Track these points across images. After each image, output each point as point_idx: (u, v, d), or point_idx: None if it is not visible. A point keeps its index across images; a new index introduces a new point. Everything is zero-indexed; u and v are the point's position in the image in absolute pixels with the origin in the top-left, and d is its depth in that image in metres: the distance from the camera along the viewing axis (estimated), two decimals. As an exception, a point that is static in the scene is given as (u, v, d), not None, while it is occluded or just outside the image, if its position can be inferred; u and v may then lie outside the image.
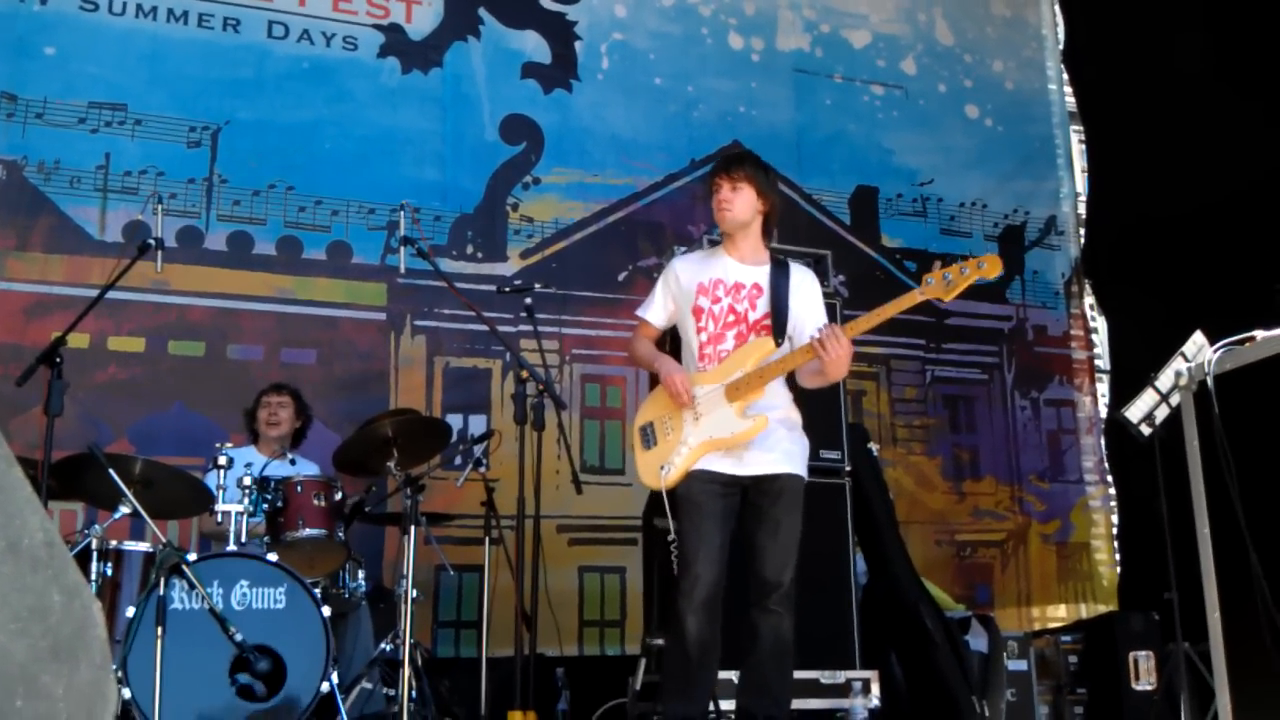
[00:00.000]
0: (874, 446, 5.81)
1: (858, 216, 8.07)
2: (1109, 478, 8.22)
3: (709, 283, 3.92)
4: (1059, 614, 7.88)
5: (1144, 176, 7.77)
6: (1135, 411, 3.90)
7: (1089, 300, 8.60)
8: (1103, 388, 8.38)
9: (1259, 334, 3.62)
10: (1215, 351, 3.56)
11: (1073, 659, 6.00)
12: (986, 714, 5.26)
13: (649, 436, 3.91)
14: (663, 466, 3.78)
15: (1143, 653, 5.72)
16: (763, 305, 3.85)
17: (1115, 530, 8.13)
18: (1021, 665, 5.70)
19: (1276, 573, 3.33)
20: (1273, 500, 3.37)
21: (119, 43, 6.62)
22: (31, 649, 1.33)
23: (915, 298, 3.64)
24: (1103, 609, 7.72)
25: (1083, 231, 8.66)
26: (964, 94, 8.59)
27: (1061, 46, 8.94)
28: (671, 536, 3.79)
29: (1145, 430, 3.86)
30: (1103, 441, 8.22)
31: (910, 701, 5.26)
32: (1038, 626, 7.50)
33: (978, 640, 5.57)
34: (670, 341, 4.25)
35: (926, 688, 5.24)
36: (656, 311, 4.06)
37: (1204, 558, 3.62)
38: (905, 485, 7.70)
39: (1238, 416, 3.54)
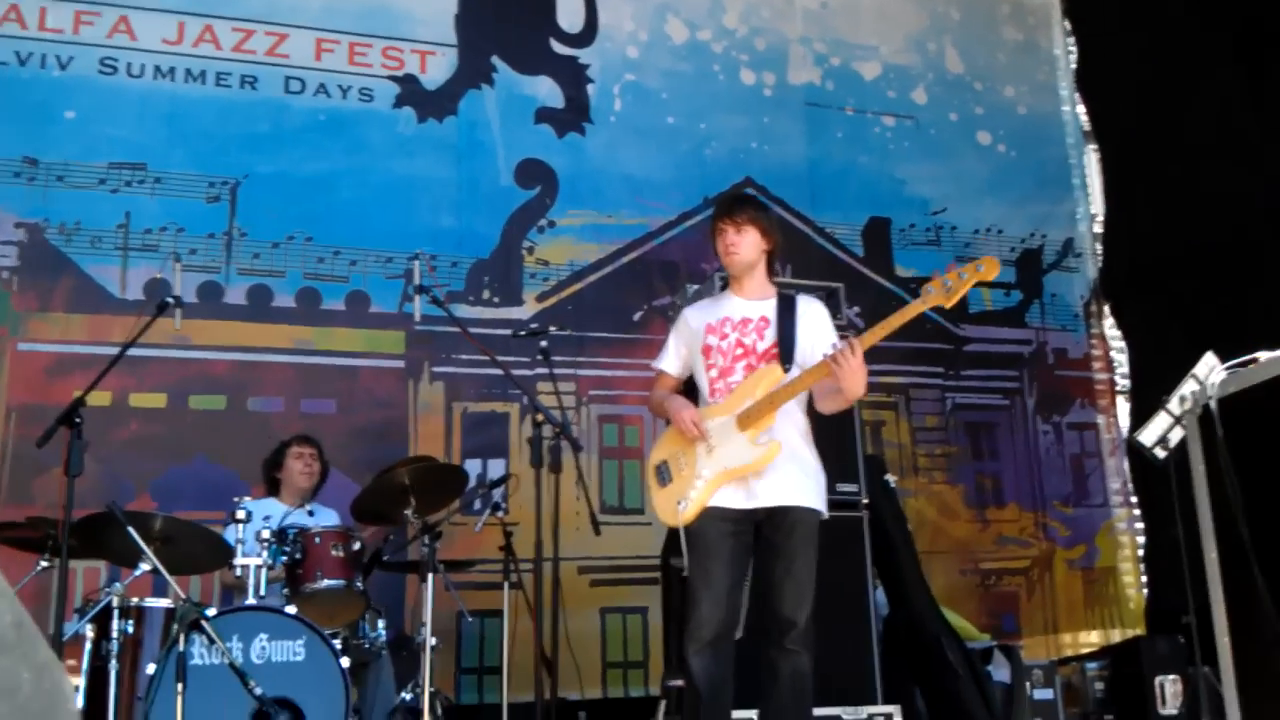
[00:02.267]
0: (891, 478, 5.79)
1: (871, 248, 8.09)
2: (1134, 499, 8.15)
3: (717, 322, 3.96)
4: (1091, 639, 7.79)
5: (1161, 196, 7.75)
6: (1149, 435, 3.87)
7: (1109, 322, 8.55)
8: (1126, 410, 8.31)
9: (1262, 355, 3.60)
10: (1218, 375, 3.55)
11: (1099, 685, 5.95)
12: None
13: (664, 474, 3.91)
14: (679, 501, 3.78)
15: (1169, 677, 5.67)
16: (770, 335, 3.87)
17: (1141, 553, 8.06)
18: (1048, 694, 5.66)
19: (1284, 596, 3.31)
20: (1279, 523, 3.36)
21: (138, 104, 6.75)
22: None
23: (918, 307, 3.62)
24: (1132, 634, 7.64)
25: (1100, 253, 8.63)
26: (976, 121, 8.60)
27: (1074, 69, 8.94)
28: (685, 573, 3.80)
29: (1160, 454, 3.84)
30: (1127, 464, 8.15)
31: (932, 735, 5.24)
32: (1069, 653, 7.42)
33: (1000, 671, 5.54)
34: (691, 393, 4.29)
35: (948, 720, 5.22)
36: (670, 360, 4.10)
37: (1212, 583, 3.60)
38: (928, 514, 7.67)
39: (1243, 439, 3.53)
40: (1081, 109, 8.89)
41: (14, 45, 6.61)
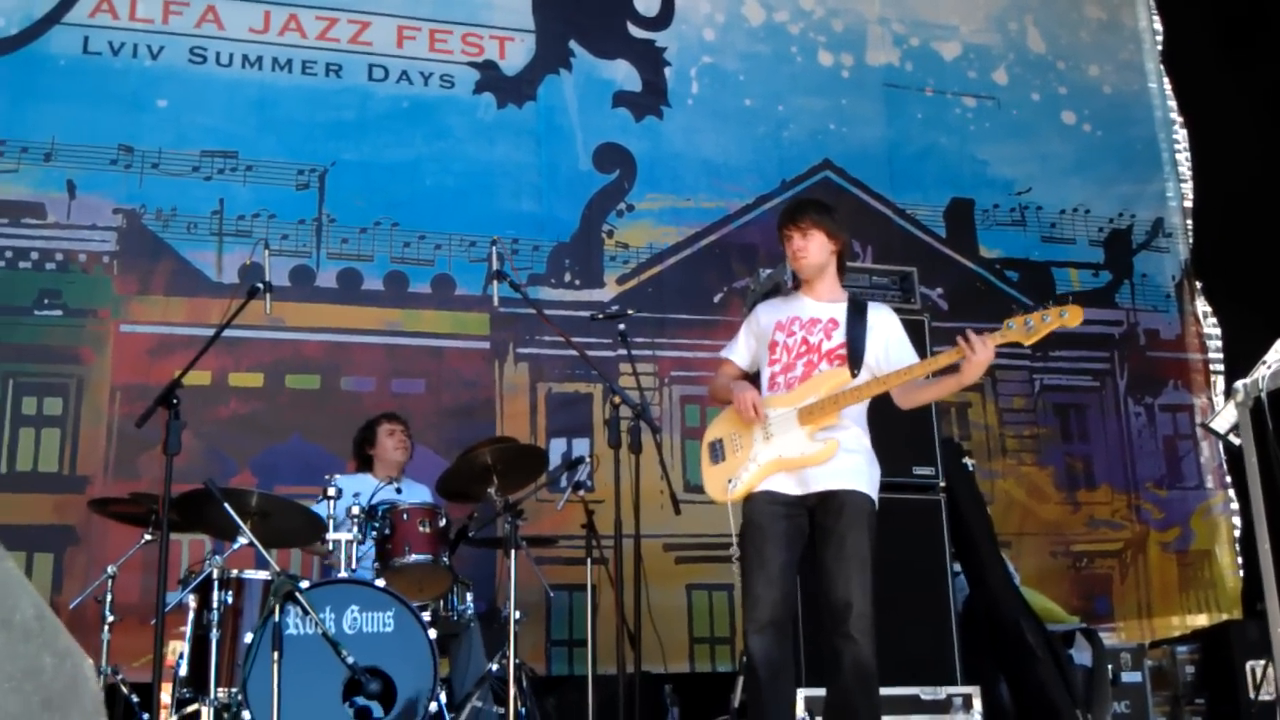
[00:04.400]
0: (969, 462, 5.75)
1: (954, 229, 8.00)
2: (1228, 480, 8.00)
3: (786, 320, 4.03)
4: (1199, 621, 7.62)
5: (1252, 174, 7.59)
6: (1221, 422, 3.84)
7: (1201, 302, 8.39)
8: (1222, 391, 8.14)
9: None
10: (1270, 367, 3.52)
11: (1190, 669, 5.88)
12: (1091, 728, 5.18)
13: (717, 451, 3.99)
14: (730, 480, 3.86)
15: (1261, 662, 5.58)
16: (838, 336, 3.92)
17: (1237, 536, 7.91)
18: (1135, 677, 5.60)
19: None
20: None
21: (227, 92, 6.93)
22: (25, 702, 1.57)
23: (997, 339, 3.67)
24: (1227, 618, 7.51)
25: (1191, 232, 8.47)
26: (1059, 101, 8.47)
27: (1160, 47, 8.77)
28: (734, 552, 3.83)
29: (1235, 440, 3.80)
30: (1221, 446, 8.00)
31: (1015, 717, 5.21)
32: (1173, 635, 7.29)
33: (1081, 654, 5.48)
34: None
35: (1030, 703, 5.18)
36: (739, 351, 4.17)
37: (1265, 574, 3.57)
38: (1017, 496, 7.61)
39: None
40: (1169, 86, 8.72)
41: (107, 35, 6.81)
